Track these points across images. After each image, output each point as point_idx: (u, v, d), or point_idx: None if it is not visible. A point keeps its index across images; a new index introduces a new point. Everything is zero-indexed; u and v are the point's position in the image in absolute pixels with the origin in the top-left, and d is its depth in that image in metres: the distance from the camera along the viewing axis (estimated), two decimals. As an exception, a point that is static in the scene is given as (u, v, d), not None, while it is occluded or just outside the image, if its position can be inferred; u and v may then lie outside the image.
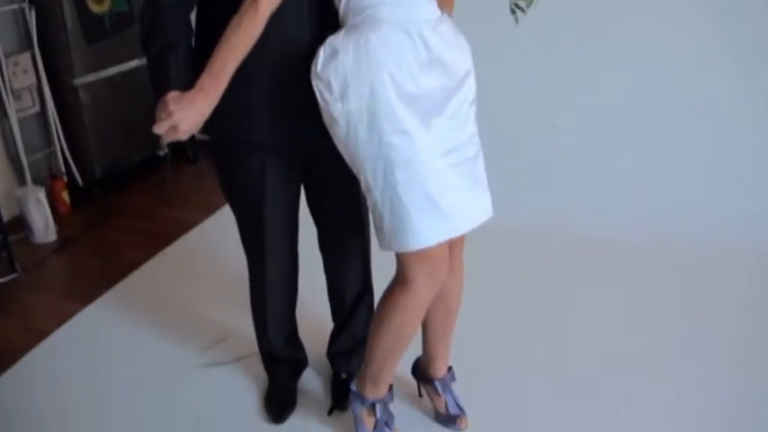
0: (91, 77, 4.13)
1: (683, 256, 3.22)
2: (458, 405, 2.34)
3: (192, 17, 1.97)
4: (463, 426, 2.32)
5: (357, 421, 2.26)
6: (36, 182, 3.98)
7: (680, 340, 2.73)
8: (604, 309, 2.92)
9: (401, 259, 1.96)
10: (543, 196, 3.63)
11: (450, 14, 1.95)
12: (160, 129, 1.74)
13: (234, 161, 2.10)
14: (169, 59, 1.84)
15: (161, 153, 4.39)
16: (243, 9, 1.75)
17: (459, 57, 1.91)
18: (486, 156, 2.01)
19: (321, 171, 2.13)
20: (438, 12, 1.86)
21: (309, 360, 2.61)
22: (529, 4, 1.86)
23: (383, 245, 1.95)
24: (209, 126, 1.86)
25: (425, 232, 1.87)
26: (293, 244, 2.30)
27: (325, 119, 1.87)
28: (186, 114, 1.74)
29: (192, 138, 1.85)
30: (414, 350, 2.28)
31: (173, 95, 1.76)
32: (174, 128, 1.75)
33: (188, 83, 1.78)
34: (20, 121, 3.93)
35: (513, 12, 1.90)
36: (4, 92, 3.81)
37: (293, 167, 2.13)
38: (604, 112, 3.71)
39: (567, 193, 3.64)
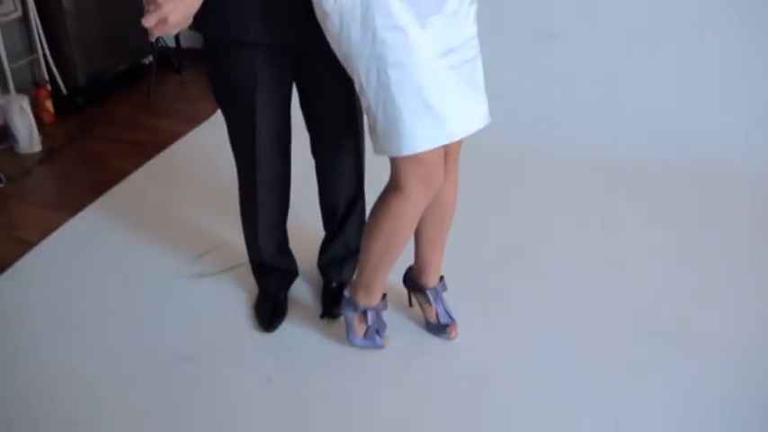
0: None
1: (683, 173, 3.20)
2: (448, 314, 2.35)
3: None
4: (453, 334, 2.33)
5: (348, 327, 2.27)
6: (19, 90, 3.92)
7: (679, 252, 2.73)
8: (601, 221, 2.92)
9: (394, 164, 1.93)
10: (540, 109, 3.57)
11: None
12: (149, 21, 1.67)
13: (225, 61, 2.05)
14: None
15: (152, 40, 4.29)
16: None
17: None
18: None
19: (314, 70, 2.07)
20: None
21: (300, 270, 2.60)
22: None
23: (376, 148, 1.91)
24: (198, 24, 1.82)
25: (418, 136, 1.83)
26: (285, 149, 2.25)
27: (318, 15, 1.81)
28: (175, 6, 1.67)
29: (178, 46, 1.80)
30: (406, 259, 2.26)
31: None
32: (163, 20, 1.68)
33: None
34: (1, 27, 3.85)
35: None
36: (-17, -5, 3.71)
37: (286, 64, 2.07)
38: (604, 23, 3.61)
39: (565, 107, 3.59)
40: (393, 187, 1.97)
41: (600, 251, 2.74)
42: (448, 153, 2.04)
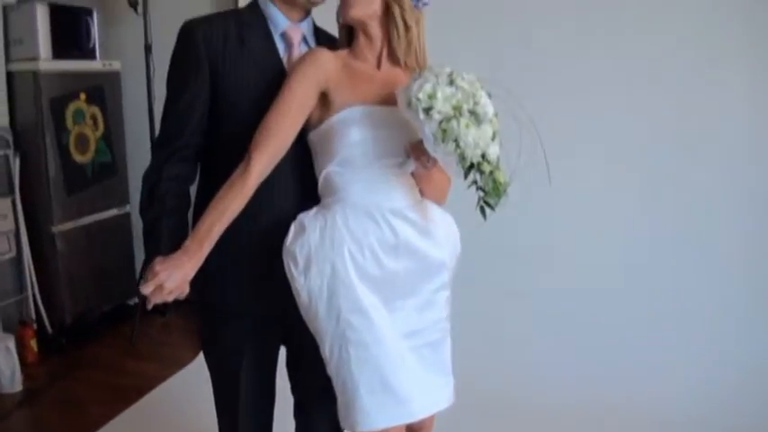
0: (69, 225, 4.25)
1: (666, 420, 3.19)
2: None
3: (192, 190, 2.08)
4: None
5: None
6: (6, 328, 3.98)
7: None
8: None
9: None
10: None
11: (439, 201, 2.07)
12: (146, 289, 1.79)
13: (216, 325, 2.15)
14: (162, 228, 1.95)
15: (149, 308, 4.33)
16: (234, 174, 1.87)
17: (432, 245, 1.99)
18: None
19: (300, 338, 2.12)
20: (414, 199, 1.98)
21: None
22: (497, 203, 1.80)
23: (340, 420, 1.96)
24: (194, 291, 1.92)
25: (375, 414, 1.88)
26: (268, 410, 2.26)
27: (293, 289, 1.93)
28: (171, 275, 1.80)
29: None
30: None
31: (159, 257, 1.84)
32: (159, 287, 1.79)
33: (178, 248, 1.87)
34: (-5, 267, 3.96)
35: (481, 210, 1.82)
36: (-19, 238, 3.84)
37: (274, 332, 2.17)
38: (573, 280, 3.72)
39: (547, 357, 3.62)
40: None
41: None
42: (422, 428, 2.09)
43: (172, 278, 1.80)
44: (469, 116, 1.76)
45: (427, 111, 1.76)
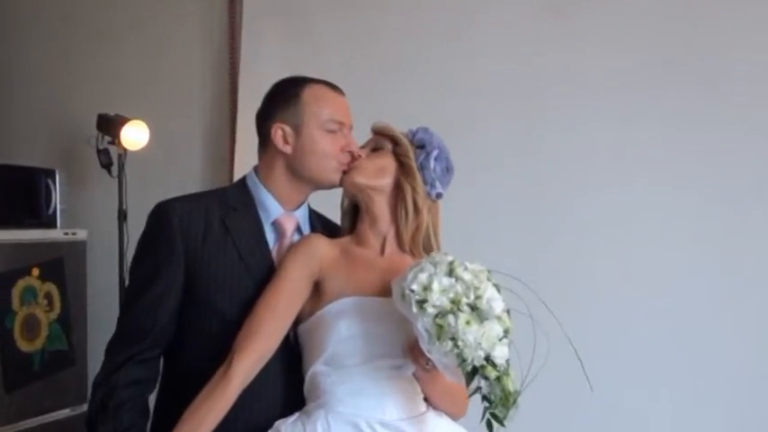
0: (6, 430, 3.62)
1: None
2: None
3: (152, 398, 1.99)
4: None
5: None
6: None
7: None
8: None
9: None
10: None
11: (454, 413, 1.98)
12: None
13: None
14: None
15: None
16: (212, 381, 1.80)
17: None
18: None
19: None
20: (413, 410, 1.89)
21: None
22: (507, 415, 1.67)
23: None
24: None
25: None
26: None
27: None
28: None
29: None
30: None
31: None
32: None
33: None
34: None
35: (488, 424, 1.70)
36: None
37: None
38: None
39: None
40: None
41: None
42: None
43: None
44: (470, 311, 1.69)
45: (421, 304, 1.69)
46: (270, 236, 2.01)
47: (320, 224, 2.13)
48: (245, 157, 3.37)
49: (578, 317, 2.68)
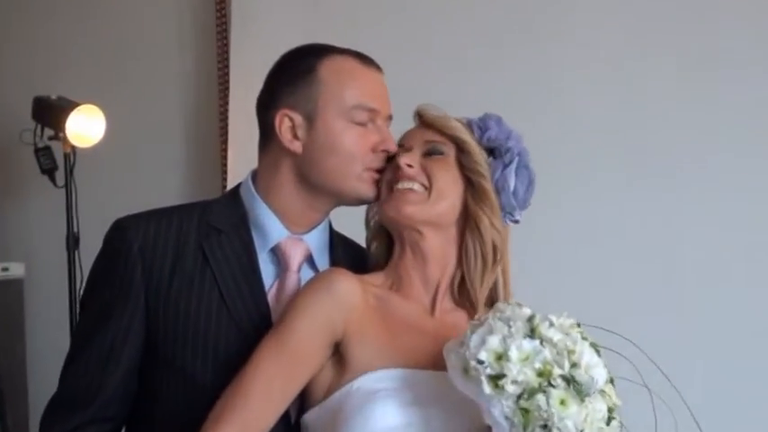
0: None
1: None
2: None
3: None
4: None
5: None
6: None
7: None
8: None
9: None
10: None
11: None
12: None
13: None
14: None
15: None
16: None
17: None
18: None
19: None
20: None
21: None
22: None
23: None
24: None
25: None
26: None
27: None
28: None
29: None
30: None
31: None
32: None
33: None
34: None
35: None
36: None
37: None
38: None
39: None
40: None
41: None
42: None
43: None
44: (566, 386, 1.38)
45: (496, 380, 1.39)
46: (267, 268, 1.70)
47: (347, 255, 1.78)
48: (245, 156, 3.00)
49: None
